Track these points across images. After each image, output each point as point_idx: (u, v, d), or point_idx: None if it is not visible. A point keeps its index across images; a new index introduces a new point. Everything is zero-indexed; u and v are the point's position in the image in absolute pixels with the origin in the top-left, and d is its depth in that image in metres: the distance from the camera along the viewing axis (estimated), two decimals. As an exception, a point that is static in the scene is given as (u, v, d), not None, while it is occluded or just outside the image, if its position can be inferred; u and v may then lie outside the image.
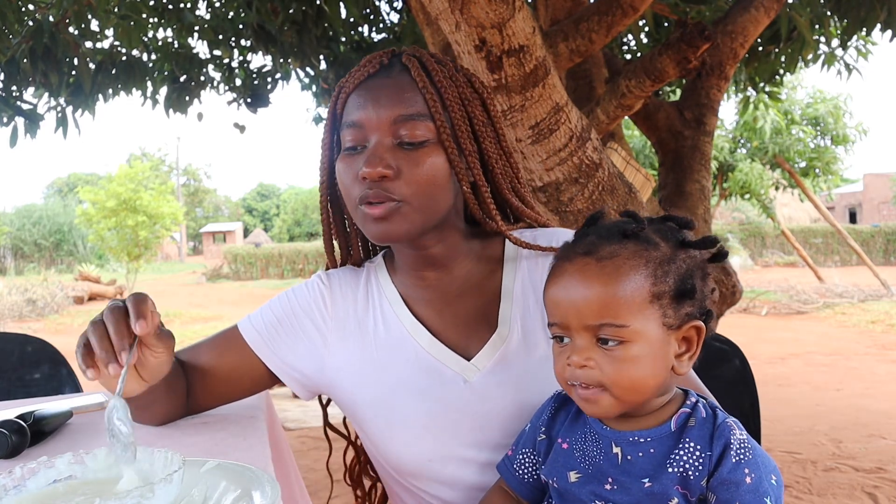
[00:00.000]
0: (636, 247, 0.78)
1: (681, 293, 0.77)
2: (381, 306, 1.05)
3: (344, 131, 0.97)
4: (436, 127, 0.94)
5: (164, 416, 1.03)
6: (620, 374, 0.76)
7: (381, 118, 0.93)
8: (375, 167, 0.90)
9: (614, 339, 0.76)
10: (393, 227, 0.93)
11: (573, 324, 0.77)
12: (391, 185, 0.92)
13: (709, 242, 0.81)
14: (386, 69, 0.97)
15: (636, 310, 0.76)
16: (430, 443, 0.96)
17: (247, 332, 1.05)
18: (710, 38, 2.14)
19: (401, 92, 0.94)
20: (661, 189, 3.23)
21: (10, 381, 1.81)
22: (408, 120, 0.93)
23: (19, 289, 14.32)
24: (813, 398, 5.26)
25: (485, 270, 1.05)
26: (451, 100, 0.96)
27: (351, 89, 0.97)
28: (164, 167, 46.43)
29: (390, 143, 0.93)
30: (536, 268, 1.03)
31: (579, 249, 0.80)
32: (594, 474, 0.80)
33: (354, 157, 0.95)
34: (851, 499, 3.12)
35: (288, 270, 23.35)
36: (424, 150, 0.93)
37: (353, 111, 0.96)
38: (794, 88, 12.52)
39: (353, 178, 0.94)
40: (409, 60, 0.97)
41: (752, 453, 0.74)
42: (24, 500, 0.70)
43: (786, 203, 23.00)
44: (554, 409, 0.89)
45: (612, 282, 0.76)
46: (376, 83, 0.96)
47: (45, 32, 2.99)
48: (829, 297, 11.39)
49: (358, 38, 4.38)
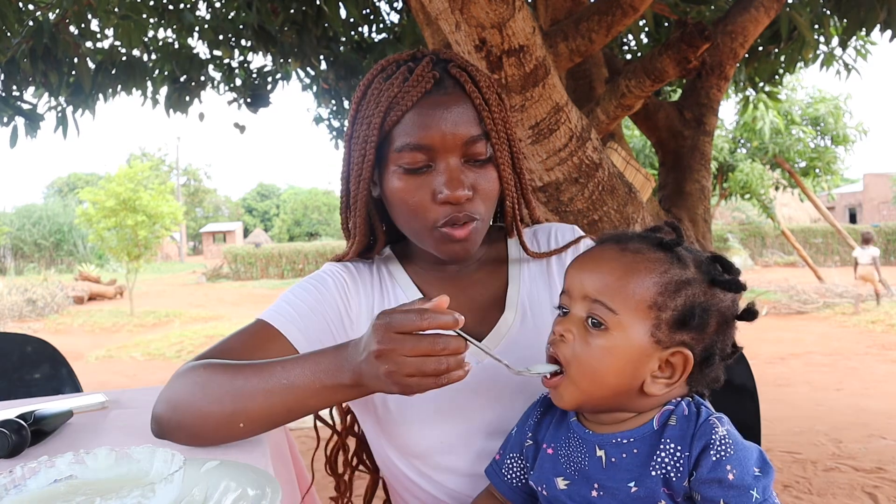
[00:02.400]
0: (663, 256, 0.80)
1: (683, 319, 0.77)
2: (394, 293, 1.07)
3: (402, 151, 0.95)
4: (491, 145, 0.97)
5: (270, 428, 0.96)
6: (588, 358, 0.78)
7: (452, 140, 0.94)
8: (461, 190, 0.93)
9: (600, 322, 0.78)
10: (471, 245, 0.98)
11: (575, 292, 0.81)
12: (471, 205, 0.96)
13: (735, 286, 0.81)
14: (439, 84, 0.96)
15: (632, 306, 0.77)
16: (443, 425, 0.98)
17: (283, 326, 1.00)
18: (710, 38, 2.14)
19: (465, 111, 0.95)
20: (661, 189, 3.22)
21: (10, 381, 1.81)
22: (475, 140, 0.95)
23: (19, 289, 14.32)
24: (813, 398, 5.26)
25: (496, 260, 1.10)
26: (496, 111, 0.98)
27: (408, 107, 0.95)
28: (164, 167, 46.41)
29: (459, 163, 0.95)
30: (542, 263, 1.09)
31: (613, 238, 0.84)
32: (581, 480, 0.80)
33: (422, 177, 0.95)
34: (851, 499, 3.12)
35: (288, 270, 23.34)
36: (489, 167, 0.98)
37: (414, 131, 0.94)
38: (794, 89, 12.52)
39: (426, 199, 0.95)
40: (459, 74, 0.97)
41: (733, 448, 0.73)
42: (25, 499, 0.70)
43: (786, 203, 23.02)
44: (540, 413, 0.89)
45: (622, 270, 0.79)
46: (436, 101, 0.95)
47: (45, 32, 2.99)
48: (829, 297, 11.39)
49: (358, 38, 4.38)
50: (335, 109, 5.03)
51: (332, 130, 5.29)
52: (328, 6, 3.58)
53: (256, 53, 4.21)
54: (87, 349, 8.97)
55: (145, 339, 9.83)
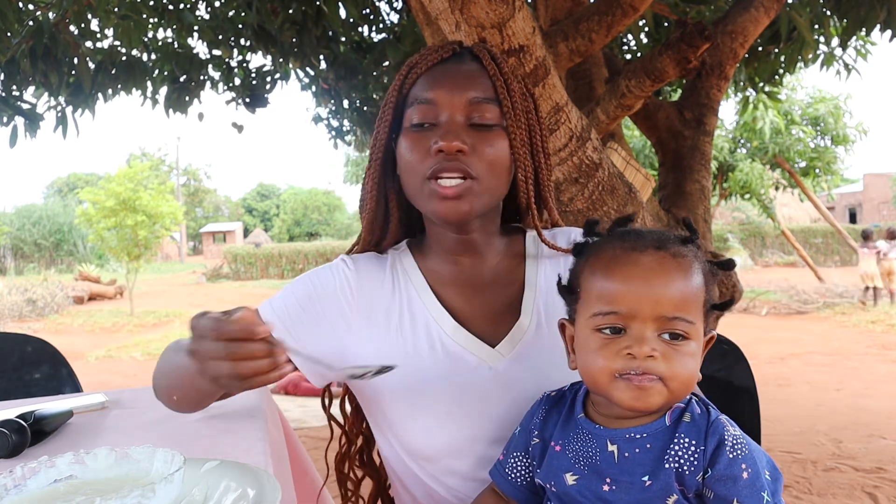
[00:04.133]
0: (695, 252, 0.81)
1: (710, 304, 0.82)
2: (406, 292, 1.05)
3: (412, 108, 0.99)
4: (503, 113, 0.98)
5: (202, 405, 1.04)
6: (683, 368, 0.77)
7: (455, 97, 0.97)
8: (453, 140, 0.93)
9: (682, 335, 0.77)
10: (462, 205, 0.95)
11: (644, 313, 0.76)
12: (467, 159, 0.95)
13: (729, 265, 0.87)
14: (458, 56, 1.02)
15: (699, 310, 0.79)
16: (452, 429, 0.98)
17: (267, 319, 1.02)
18: (710, 38, 2.14)
19: (475, 76, 0.99)
20: (661, 189, 3.22)
21: (10, 381, 1.81)
22: (481, 102, 0.97)
23: (19, 289, 14.31)
24: (813, 398, 5.26)
25: (511, 263, 1.08)
26: (515, 91, 1.00)
27: (423, 70, 1.00)
28: (163, 167, 46.40)
29: (463, 122, 0.96)
30: (559, 265, 1.05)
31: (650, 243, 0.80)
32: (591, 475, 0.80)
33: (424, 132, 0.97)
34: (851, 499, 3.12)
35: (288, 270, 23.34)
36: (494, 133, 0.97)
37: (425, 90, 0.99)
38: (794, 88, 12.52)
39: (423, 153, 0.96)
40: (479, 51, 1.02)
41: (747, 448, 0.75)
42: (25, 499, 0.70)
43: (786, 203, 23.00)
44: (545, 411, 0.89)
45: (689, 278, 0.78)
46: (450, 67, 1.00)
47: (45, 32, 2.99)
48: (829, 297, 11.38)
49: (358, 39, 4.38)
50: (334, 109, 5.03)
51: (332, 130, 5.28)
52: (328, 6, 3.57)
53: (256, 53, 4.21)
54: (87, 349, 8.97)
55: (145, 339, 9.82)
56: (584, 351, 0.80)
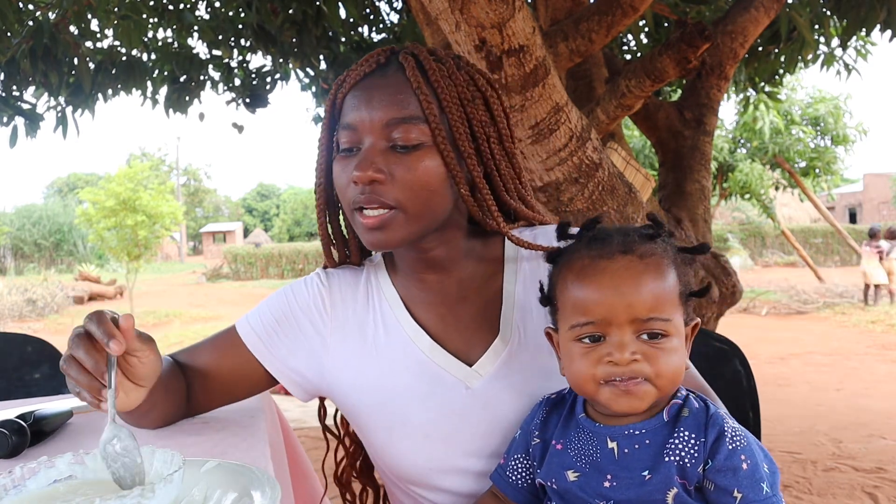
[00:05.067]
0: (664, 247, 0.82)
1: (689, 293, 0.83)
2: (381, 309, 1.02)
3: (340, 132, 0.94)
4: (430, 130, 0.90)
5: (164, 419, 1.02)
6: (667, 366, 0.78)
7: (373, 120, 0.90)
8: (366, 171, 0.88)
9: (660, 333, 0.78)
10: (387, 235, 0.90)
11: (619, 319, 0.77)
12: (384, 189, 0.89)
13: (702, 249, 0.86)
14: (382, 68, 0.94)
15: (675, 304, 0.80)
16: (431, 450, 0.95)
17: (245, 334, 1.03)
18: (710, 38, 2.14)
19: (395, 93, 0.91)
20: (661, 189, 3.22)
21: (10, 381, 1.81)
22: (401, 123, 0.89)
23: (19, 289, 14.32)
24: (813, 398, 5.26)
25: (486, 272, 1.03)
26: (447, 101, 0.92)
27: (347, 89, 0.94)
28: (163, 167, 46.42)
29: (384, 147, 0.90)
30: (538, 269, 0.99)
31: (616, 248, 0.80)
32: (592, 472, 0.81)
33: (349, 159, 0.92)
34: (851, 499, 3.12)
35: (288, 270, 23.34)
36: (418, 154, 0.90)
37: (348, 112, 0.93)
38: (794, 89, 12.51)
39: (346, 181, 0.92)
40: (405, 59, 0.93)
41: (746, 440, 0.76)
42: (25, 500, 0.70)
43: (786, 203, 23.00)
44: (546, 412, 0.89)
45: (659, 277, 0.79)
46: (371, 83, 0.93)
47: (45, 32, 2.98)
48: (829, 297, 11.38)
49: (358, 39, 4.37)
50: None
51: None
52: (328, 6, 3.57)
53: (256, 53, 4.21)
54: (87, 349, 8.95)
55: (145, 339, 9.80)
56: (568, 360, 0.82)
